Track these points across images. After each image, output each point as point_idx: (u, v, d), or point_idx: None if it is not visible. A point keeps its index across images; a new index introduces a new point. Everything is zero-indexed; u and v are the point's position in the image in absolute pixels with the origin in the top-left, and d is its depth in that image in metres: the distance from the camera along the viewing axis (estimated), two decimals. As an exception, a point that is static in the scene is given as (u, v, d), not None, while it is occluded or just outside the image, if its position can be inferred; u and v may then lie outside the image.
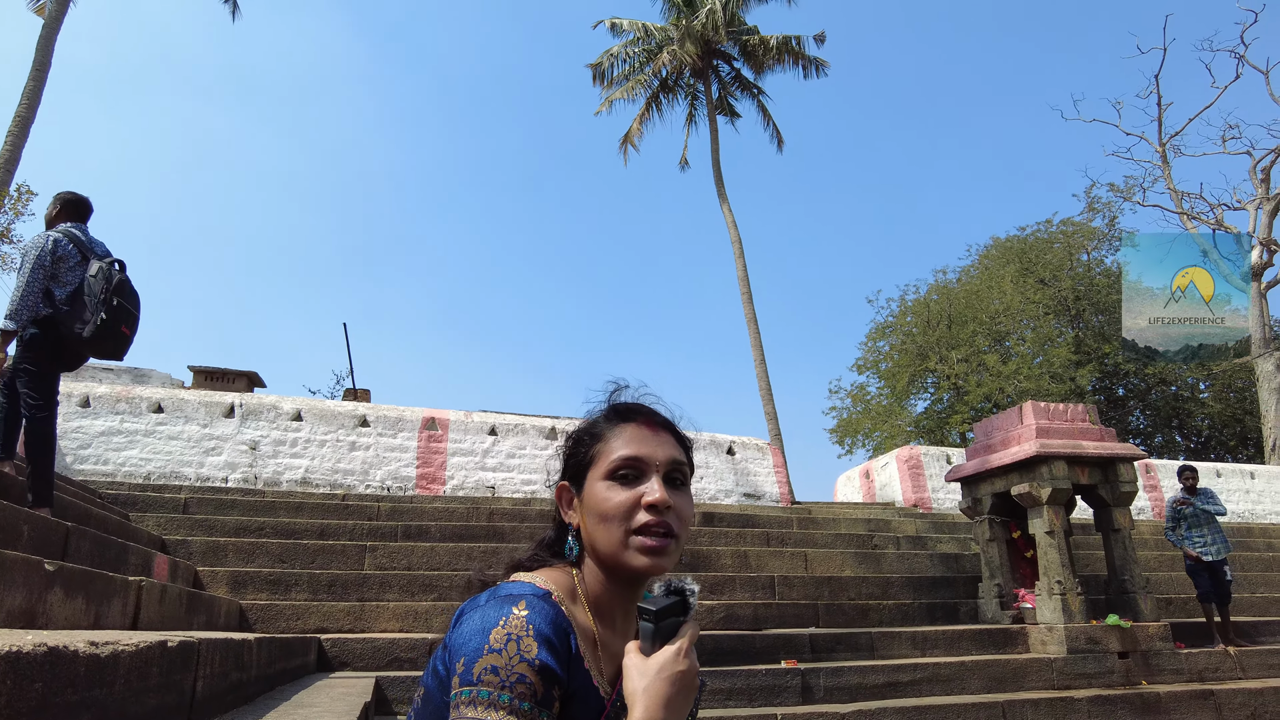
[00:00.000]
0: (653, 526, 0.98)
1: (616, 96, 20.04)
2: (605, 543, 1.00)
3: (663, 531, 0.98)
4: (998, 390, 23.98)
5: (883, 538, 9.71)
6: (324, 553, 6.73)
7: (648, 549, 0.97)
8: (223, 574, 5.95)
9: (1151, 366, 24.46)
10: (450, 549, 7.11)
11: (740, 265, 18.42)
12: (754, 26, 19.64)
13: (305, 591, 6.07)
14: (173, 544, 6.33)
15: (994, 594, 7.69)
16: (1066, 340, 25.24)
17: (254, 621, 5.47)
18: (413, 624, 5.88)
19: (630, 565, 0.98)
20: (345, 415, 10.11)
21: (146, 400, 9.40)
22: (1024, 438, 7.46)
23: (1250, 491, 14.51)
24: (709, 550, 8.07)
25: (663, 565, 0.98)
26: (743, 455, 11.99)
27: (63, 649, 1.37)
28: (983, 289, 26.71)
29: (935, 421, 26.80)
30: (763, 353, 17.69)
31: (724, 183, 19.43)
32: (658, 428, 1.07)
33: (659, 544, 0.97)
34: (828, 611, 7.24)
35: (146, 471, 9.04)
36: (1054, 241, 26.80)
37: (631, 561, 0.98)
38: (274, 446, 9.63)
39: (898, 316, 28.40)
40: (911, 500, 12.75)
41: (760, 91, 20.41)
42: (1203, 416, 26.57)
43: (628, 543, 0.98)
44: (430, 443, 10.29)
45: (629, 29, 19.90)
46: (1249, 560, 10.47)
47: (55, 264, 4.13)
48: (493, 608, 0.90)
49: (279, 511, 7.95)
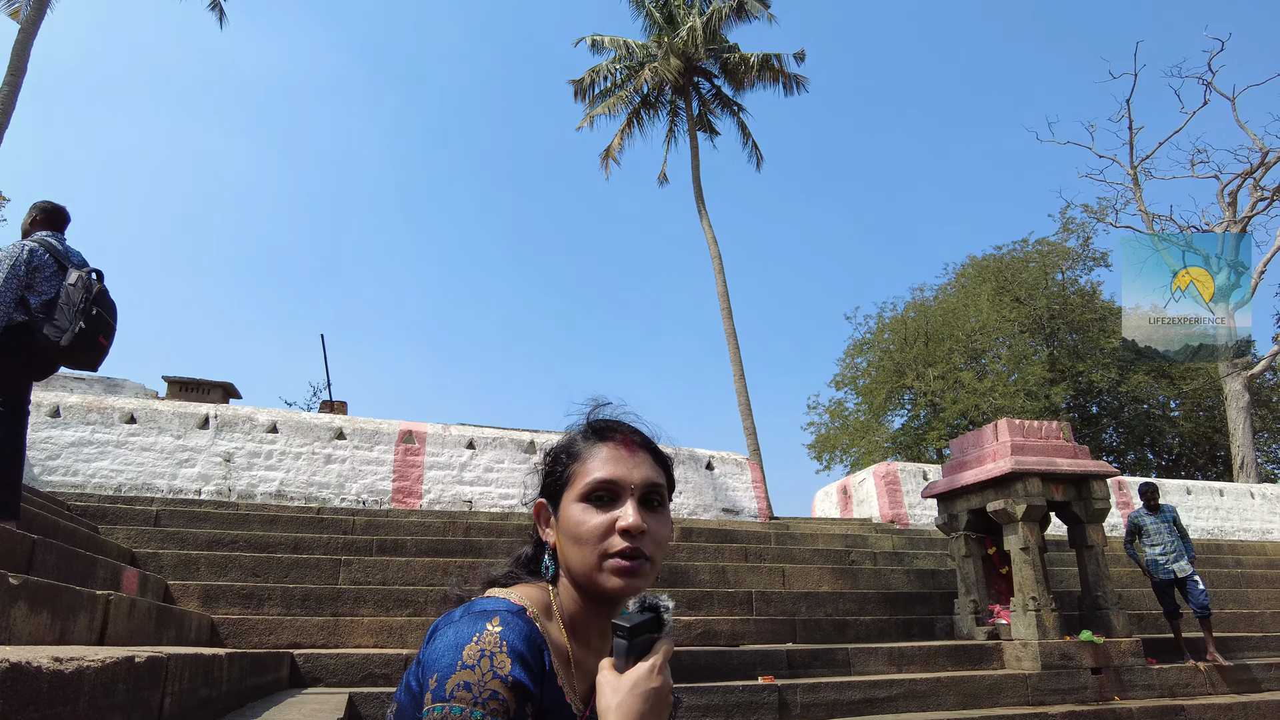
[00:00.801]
0: (626, 551, 0.98)
1: (598, 112, 20.14)
2: (579, 564, 1.00)
3: (636, 555, 0.98)
4: (974, 407, 24.22)
5: (860, 553, 9.75)
6: (298, 567, 6.65)
7: (621, 570, 0.98)
8: (194, 588, 5.86)
9: (1125, 385, 24.84)
10: (426, 564, 7.05)
11: (720, 280, 18.51)
12: (734, 44, 19.84)
13: (278, 606, 5.98)
14: (143, 557, 6.22)
15: (970, 610, 7.74)
16: (1042, 358, 25.57)
17: (225, 636, 5.39)
18: (387, 639, 5.81)
19: (603, 586, 0.98)
20: (321, 427, 10.01)
21: (119, 411, 9.26)
22: (999, 454, 7.53)
23: (1219, 509, 14.72)
24: (687, 566, 8.06)
25: (636, 587, 0.99)
26: (721, 470, 12.00)
27: (25, 665, 1.34)
28: (959, 307, 27.02)
29: (912, 438, 27.01)
30: (742, 368, 17.76)
31: (704, 198, 19.56)
32: (636, 447, 1.07)
33: (632, 565, 0.98)
34: (805, 627, 7.25)
35: (117, 483, 8.89)
36: (1030, 261, 27.20)
37: (605, 583, 0.98)
38: (249, 459, 9.51)
39: (875, 333, 28.65)
40: (889, 516, 12.82)
41: (740, 108, 20.59)
42: (1174, 434, 26.97)
43: (601, 565, 0.98)
44: (407, 456, 10.21)
45: (610, 46, 20.03)
46: (1218, 576, 10.61)
47: (31, 274, 4.08)
48: (467, 623, 0.90)
49: (253, 524, 7.84)
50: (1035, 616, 6.95)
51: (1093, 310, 26.82)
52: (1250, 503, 15.00)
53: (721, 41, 19.64)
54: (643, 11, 19.84)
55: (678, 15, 19.68)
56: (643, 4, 19.75)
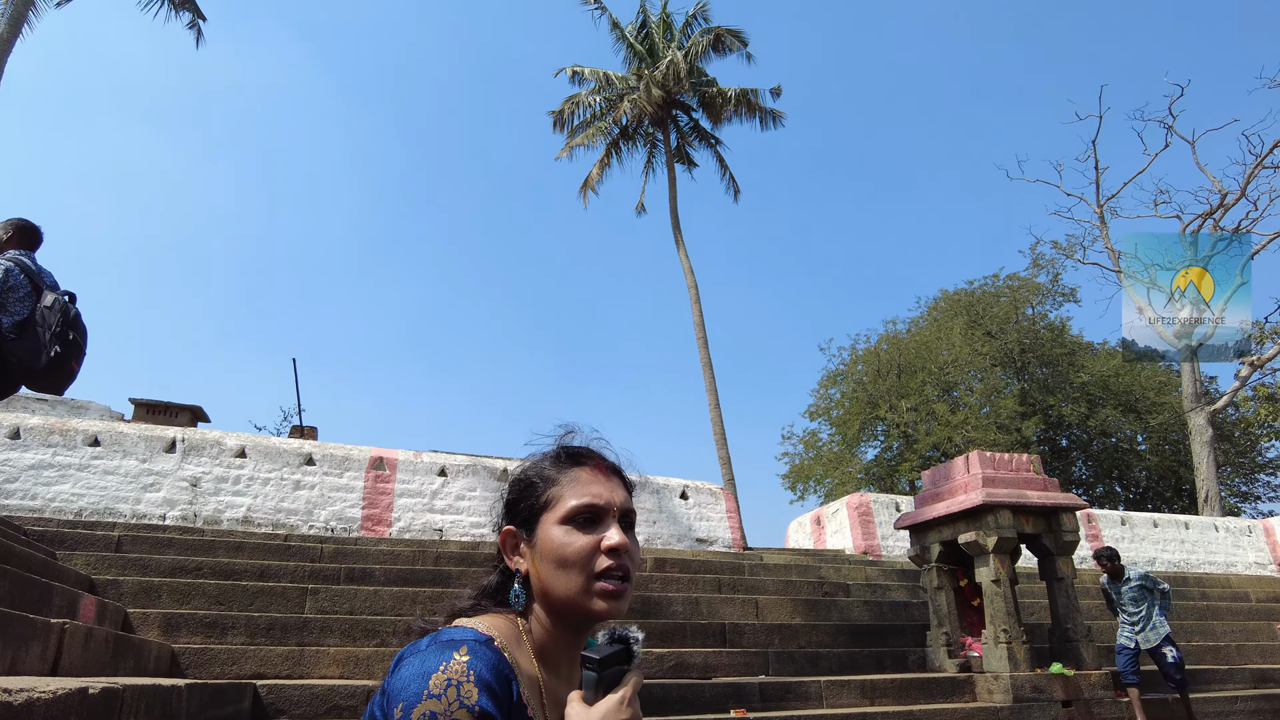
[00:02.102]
0: (613, 570, 0.98)
1: (577, 143, 20.29)
2: (563, 588, 0.99)
3: (621, 575, 0.99)
4: (946, 439, 24.43)
5: (833, 585, 9.74)
6: (263, 594, 6.51)
7: (608, 593, 0.98)
8: (155, 616, 5.70)
9: (1093, 419, 25.23)
10: (395, 593, 6.94)
11: (696, 310, 18.60)
12: (713, 79, 20.12)
13: (242, 635, 5.85)
14: (102, 584, 6.06)
15: (942, 642, 7.74)
16: (1014, 391, 25.90)
17: (186, 667, 5.25)
18: (354, 670, 5.69)
19: (589, 609, 0.98)
20: (290, 453, 9.86)
21: (82, 433, 9.07)
22: (970, 486, 7.59)
23: (1185, 541, 14.92)
24: (660, 597, 8.00)
25: (620, 609, 0.99)
26: (696, 500, 11.97)
27: (-24, 695, 1.30)
28: (932, 340, 27.35)
29: (885, 469, 27.16)
30: (717, 397, 17.79)
31: (681, 228, 19.71)
32: (609, 472, 1.08)
33: (618, 588, 0.98)
34: (778, 659, 7.21)
35: (78, 508, 8.68)
36: (1000, 295, 27.66)
37: (592, 606, 0.98)
38: (216, 484, 9.34)
39: (849, 365, 28.88)
40: (862, 547, 12.83)
41: (718, 141, 20.85)
42: (1141, 468, 27.37)
43: (589, 588, 0.98)
44: (377, 483, 10.08)
45: (590, 77, 20.24)
46: (1184, 610, 10.72)
47: (5, 294, 3.99)
48: (433, 653, 0.88)
49: (218, 551, 7.68)
50: (1007, 649, 6.97)
51: (1062, 345, 27.29)
52: (1215, 536, 15.22)
53: (700, 75, 19.93)
54: (624, 44, 20.12)
55: (659, 49, 19.97)
56: (624, 36, 20.03)
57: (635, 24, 20.20)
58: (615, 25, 20.06)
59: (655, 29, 20.15)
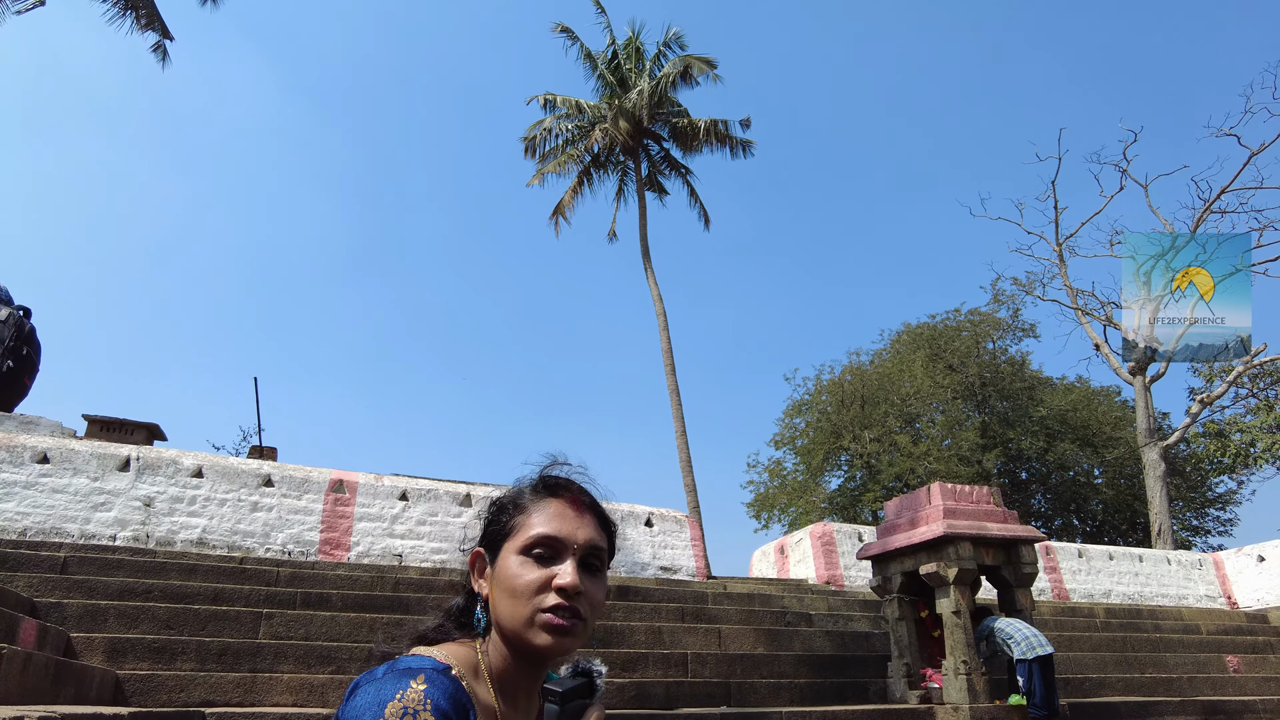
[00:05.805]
0: (560, 608, 0.96)
1: (549, 170, 20.38)
2: (510, 618, 0.98)
3: (570, 614, 0.97)
4: (909, 470, 24.69)
5: (796, 615, 9.74)
6: (216, 619, 6.33)
7: (552, 627, 0.96)
8: (100, 641, 5.52)
9: (1051, 453, 25.68)
10: (352, 619, 6.79)
11: (665, 338, 18.68)
12: (684, 108, 20.38)
13: (192, 661, 5.68)
14: (44, 607, 5.85)
15: (902, 673, 7.77)
16: (975, 424, 26.29)
17: (131, 694, 5.08)
18: (308, 698, 5.55)
19: (533, 644, 0.96)
20: (249, 474, 9.66)
21: (30, 449, 8.80)
22: (932, 518, 7.67)
23: (1139, 574, 15.19)
24: (623, 625, 7.93)
25: (567, 646, 0.97)
26: (661, 527, 11.93)
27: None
28: (895, 372, 27.71)
29: (849, 499, 27.33)
30: (684, 424, 17.82)
31: (650, 256, 19.83)
32: (583, 508, 1.06)
33: (565, 624, 0.96)
34: (740, 690, 7.17)
35: (22, 527, 8.40)
36: (962, 330, 28.16)
37: (535, 640, 0.96)
38: (170, 504, 9.10)
39: (814, 395, 29.12)
40: (824, 577, 12.87)
41: (688, 171, 21.08)
42: (1098, 501, 27.87)
43: (533, 620, 0.96)
44: (337, 506, 9.91)
45: (562, 105, 20.37)
46: (1138, 641, 10.89)
47: None
48: (389, 681, 0.87)
49: (170, 573, 7.47)
50: (966, 680, 7.02)
51: (1022, 379, 27.81)
52: (1167, 569, 15.53)
53: (671, 104, 20.17)
54: (595, 73, 20.32)
55: (629, 78, 20.20)
56: (596, 66, 20.23)
57: (606, 53, 20.41)
58: (587, 55, 20.26)
59: (625, 58, 20.37)
